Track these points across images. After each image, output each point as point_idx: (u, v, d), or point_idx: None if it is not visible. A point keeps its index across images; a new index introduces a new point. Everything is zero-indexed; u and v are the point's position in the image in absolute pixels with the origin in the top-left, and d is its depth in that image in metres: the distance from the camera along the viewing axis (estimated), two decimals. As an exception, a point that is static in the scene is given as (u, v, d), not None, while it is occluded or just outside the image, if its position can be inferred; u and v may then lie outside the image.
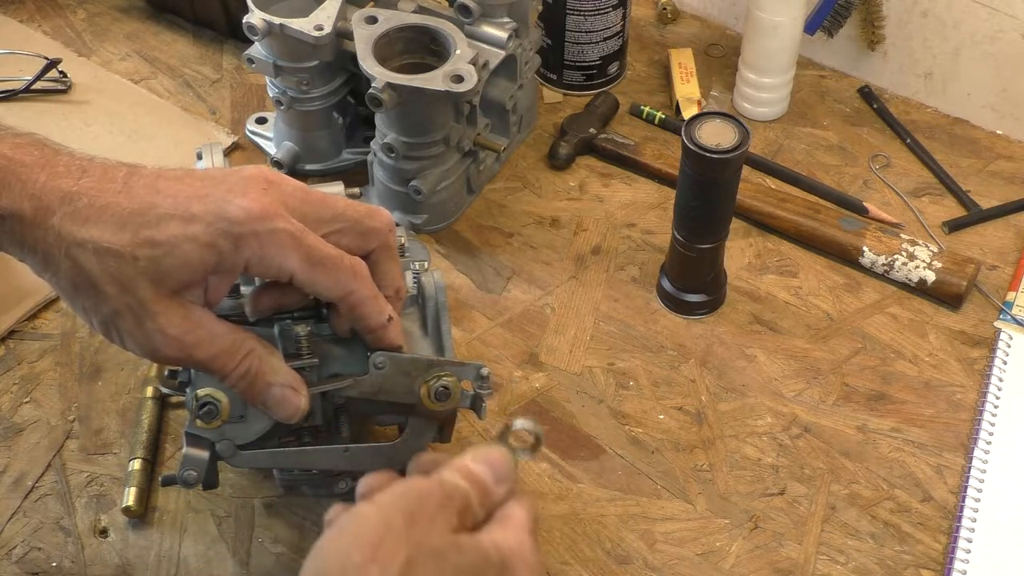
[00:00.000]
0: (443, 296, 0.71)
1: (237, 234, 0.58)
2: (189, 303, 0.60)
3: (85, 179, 0.59)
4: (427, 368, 0.66)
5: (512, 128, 1.00)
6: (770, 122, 1.06)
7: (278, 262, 0.59)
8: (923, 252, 0.90)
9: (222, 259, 0.59)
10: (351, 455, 0.68)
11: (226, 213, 0.58)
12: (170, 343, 0.59)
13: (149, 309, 0.58)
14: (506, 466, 0.59)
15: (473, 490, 0.57)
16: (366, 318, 0.64)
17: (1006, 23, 0.98)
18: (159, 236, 0.58)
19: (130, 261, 0.58)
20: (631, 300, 0.91)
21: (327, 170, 1.00)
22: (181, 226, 0.58)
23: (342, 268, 0.62)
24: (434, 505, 0.54)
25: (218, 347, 0.61)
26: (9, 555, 0.75)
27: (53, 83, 1.07)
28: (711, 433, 0.82)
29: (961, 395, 0.84)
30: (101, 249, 0.58)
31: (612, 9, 1.03)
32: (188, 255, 0.58)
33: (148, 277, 0.58)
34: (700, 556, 0.75)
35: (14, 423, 0.83)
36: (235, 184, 0.60)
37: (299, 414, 0.63)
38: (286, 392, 0.63)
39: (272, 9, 0.92)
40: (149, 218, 0.58)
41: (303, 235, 0.60)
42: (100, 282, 0.58)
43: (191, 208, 0.58)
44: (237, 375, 0.61)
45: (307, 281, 0.61)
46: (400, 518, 0.52)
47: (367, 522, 0.52)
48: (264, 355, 0.62)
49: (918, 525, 0.77)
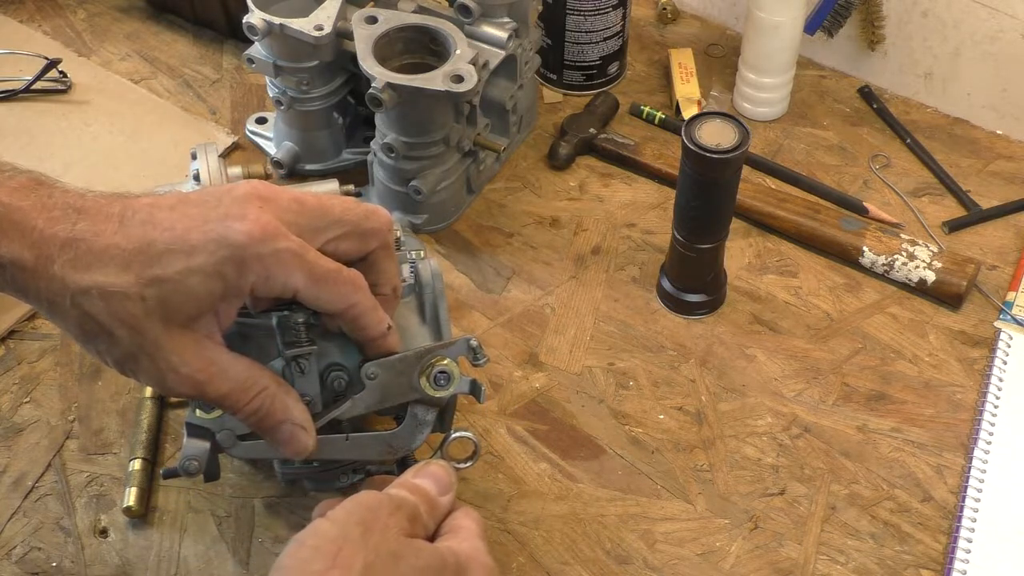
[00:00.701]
0: (440, 283, 0.72)
1: (240, 258, 0.58)
2: (203, 337, 0.60)
3: (81, 222, 0.58)
4: (418, 359, 0.66)
5: (512, 128, 1.00)
6: (770, 122, 1.06)
7: (282, 281, 0.60)
8: (923, 252, 0.90)
9: (227, 286, 0.59)
10: (352, 443, 0.68)
11: (227, 239, 0.58)
12: (183, 381, 0.60)
13: (162, 348, 0.58)
14: (447, 478, 0.64)
15: (420, 501, 0.61)
16: (366, 328, 0.64)
17: (1006, 23, 0.98)
18: (163, 273, 0.57)
19: (137, 301, 0.57)
20: (631, 300, 0.91)
21: (327, 170, 1.00)
22: (183, 259, 0.58)
23: (343, 282, 0.62)
24: (385, 513, 0.57)
25: (230, 384, 0.61)
26: (9, 555, 0.75)
27: (53, 83, 1.07)
28: (711, 433, 0.82)
29: (961, 395, 0.84)
30: (107, 293, 0.57)
31: (612, 9, 1.03)
32: (194, 288, 0.58)
33: (157, 316, 0.58)
34: (700, 556, 0.75)
35: (14, 423, 0.83)
36: (230, 207, 0.59)
37: (306, 453, 0.64)
38: (296, 431, 0.63)
39: (272, 9, 0.92)
40: (151, 255, 0.58)
41: (305, 251, 0.60)
42: (110, 326, 0.58)
43: (190, 239, 0.58)
44: (248, 411, 0.62)
45: (311, 297, 0.61)
46: (356, 528, 0.55)
47: (325, 534, 0.55)
48: (278, 393, 0.63)
49: (918, 525, 0.77)
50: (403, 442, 0.68)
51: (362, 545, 0.54)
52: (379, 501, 0.58)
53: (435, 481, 0.63)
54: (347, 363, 0.67)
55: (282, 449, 0.64)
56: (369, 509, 0.57)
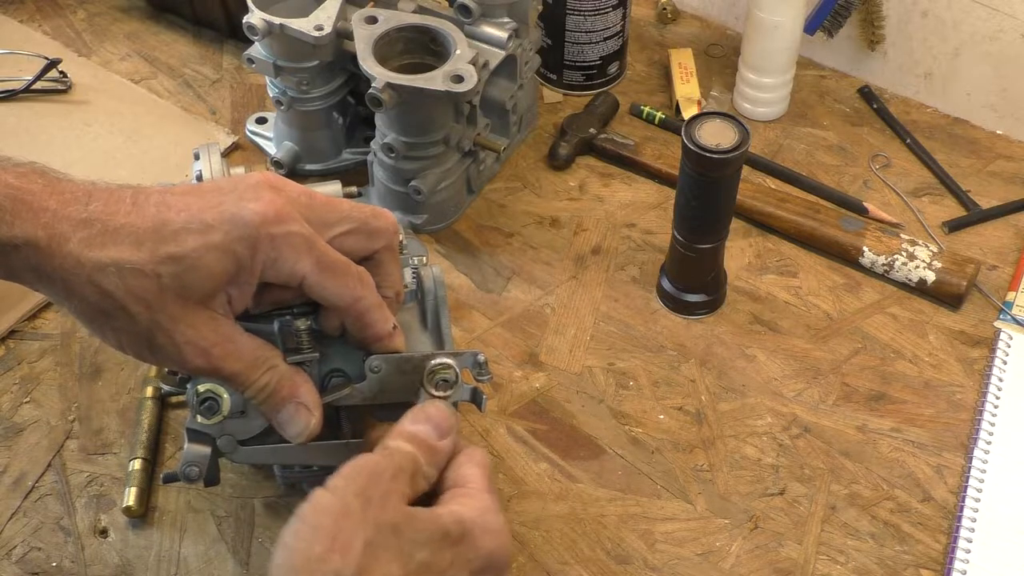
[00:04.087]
0: (442, 290, 0.71)
1: (253, 237, 0.59)
2: (218, 315, 0.60)
3: (93, 203, 0.59)
4: (423, 363, 0.66)
5: (512, 128, 1.00)
6: (770, 122, 1.06)
7: (290, 264, 0.60)
8: (923, 252, 0.90)
9: (240, 265, 0.59)
10: (352, 450, 0.68)
11: (241, 218, 0.59)
12: (200, 355, 0.60)
13: (179, 323, 0.59)
14: (446, 419, 0.62)
15: (419, 451, 0.59)
16: (372, 325, 0.64)
17: (1006, 23, 0.98)
18: (179, 250, 0.58)
19: (153, 278, 0.58)
20: (631, 300, 0.91)
21: (327, 170, 1.00)
22: (199, 237, 0.58)
23: (351, 274, 0.62)
24: (386, 479, 0.56)
25: (244, 361, 0.61)
26: (9, 555, 0.75)
27: (53, 83, 1.07)
28: (711, 433, 0.82)
29: (961, 395, 0.84)
30: (124, 269, 0.58)
31: (612, 9, 1.03)
32: (209, 265, 0.58)
33: (173, 292, 0.58)
34: (700, 556, 0.75)
35: (14, 423, 0.83)
36: (245, 191, 0.60)
37: (307, 433, 0.64)
38: (299, 409, 0.63)
39: (272, 9, 0.92)
40: (165, 234, 0.58)
41: (314, 239, 0.61)
42: (127, 303, 0.58)
43: (205, 218, 0.59)
44: (256, 388, 0.62)
45: (317, 285, 0.61)
46: (356, 500, 0.54)
47: (324, 511, 0.54)
48: (286, 372, 0.63)
49: (918, 525, 0.77)
50: None
51: (362, 520, 0.54)
52: (379, 466, 0.57)
53: (433, 424, 0.61)
54: (348, 369, 0.67)
55: (286, 430, 0.64)
56: (370, 475, 0.56)
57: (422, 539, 0.55)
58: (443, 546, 0.56)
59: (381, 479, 0.56)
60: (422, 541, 0.55)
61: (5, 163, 0.60)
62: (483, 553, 0.57)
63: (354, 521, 0.53)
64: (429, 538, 0.55)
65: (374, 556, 0.53)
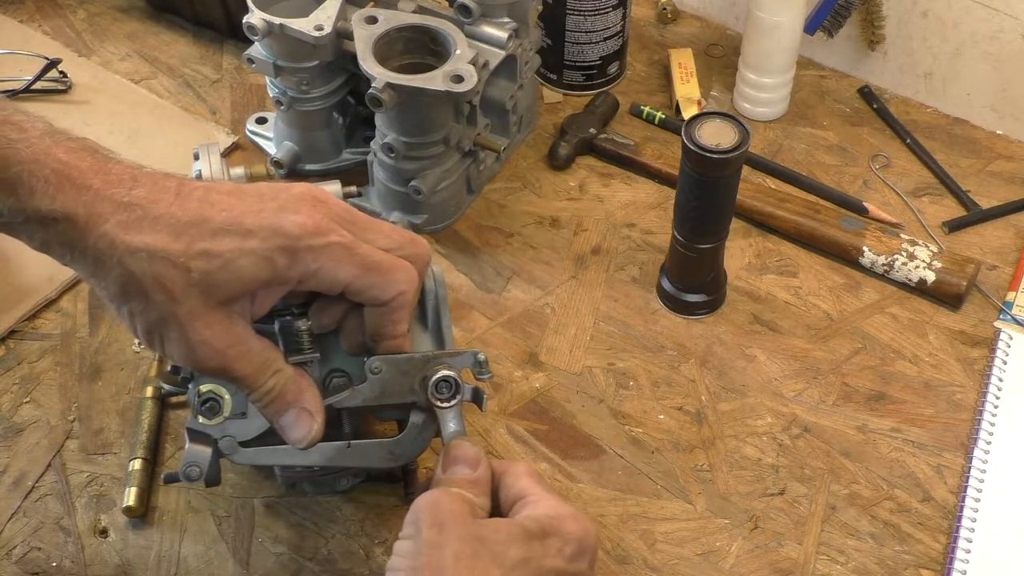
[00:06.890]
0: (443, 290, 0.72)
1: (294, 249, 0.59)
2: (235, 316, 0.61)
3: (137, 189, 0.60)
4: (424, 364, 0.66)
5: (512, 128, 1.00)
6: (770, 122, 1.06)
7: (332, 275, 0.61)
8: (923, 252, 0.90)
9: (276, 274, 0.60)
10: (353, 451, 0.68)
11: (282, 229, 0.59)
12: (212, 355, 0.60)
13: (195, 320, 0.59)
14: (469, 451, 0.63)
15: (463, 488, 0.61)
16: (398, 323, 0.65)
17: (1006, 23, 0.98)
18: (215, 249, 0.58)
19: (183, 271, 0.58)
20: (631, 300, 0.91)
21: (327, 170, 1.00)
22: (237, 240, 0.59)
23: (397, 268, 0.63)
24: (448, 503, 0.58)
25: (255, 364, 0.62)
26: (9, 555, 0.75)
27: (53, 83, 1.07)
28: (711, 433, 0.82)
29: (961, 395, 0.84)
30: (156, 256, 0.58)
31: (612, 9, 1.03)
32: (243, 269, 0.59)
33: (199, 288, 0.59)
34: (700, 556, 0.75)
35: (14, 423, 0.83)
36: (287, 201, 0.61)
37: (309, 439, 0.64)
38: (302, 414, 0.64)
39: (272, 9, 0.92)
40: (204, 230, 0.59)
41: (356, 245, 0.61)
42: (150, 289, 0.59)
43: (245, 222, 0.59)
44: (262, 391, 0.62)
45: (363, 287, 0.62)
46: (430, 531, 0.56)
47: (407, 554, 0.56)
48: (291, 375, 0.64)
49: (918, 525, 0.77)
50: (405, 450, 0.68)
51: (441, 541, 0.55)
52: (436, 498, 0.58)
53: (462, 462, 0.63)
54: (349, 368, 0.67)
55: (287, 434, 0.64)
56: (432, 507, 0.57)
57: (509, 540, 0.56)
58: (531, 542, 0.57)
59: (443, 506, 0.58)
60: (509, 542, 0.56)
61: (59, 137, 0.61)
62: (572, 539, 0.58)
63: (434, 545, 0.55)
64: (515, 537, 0.57)
65: (468, 566, 0.54)
